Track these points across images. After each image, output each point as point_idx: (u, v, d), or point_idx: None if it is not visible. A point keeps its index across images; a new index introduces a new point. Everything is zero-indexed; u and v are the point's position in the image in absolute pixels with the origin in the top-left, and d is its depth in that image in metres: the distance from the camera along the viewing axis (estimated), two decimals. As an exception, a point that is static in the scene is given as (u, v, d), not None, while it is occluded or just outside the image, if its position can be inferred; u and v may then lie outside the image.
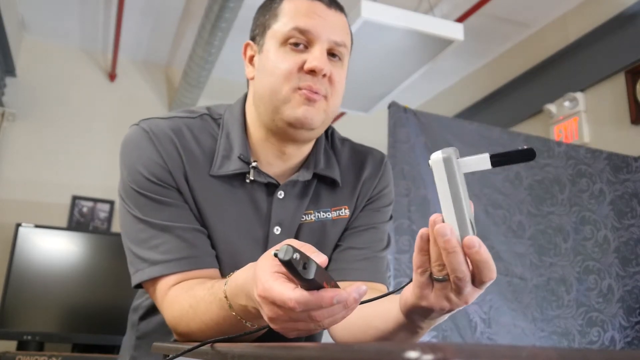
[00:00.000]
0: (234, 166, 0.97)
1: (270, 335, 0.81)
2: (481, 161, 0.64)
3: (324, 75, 0.93)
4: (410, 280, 0.71)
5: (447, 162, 0.63)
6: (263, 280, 0.64)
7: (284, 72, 0.93)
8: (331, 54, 0.96)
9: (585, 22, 3.13)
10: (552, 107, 3.18)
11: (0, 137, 3.43)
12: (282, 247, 0.58)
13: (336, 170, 1.05)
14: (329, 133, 1.12)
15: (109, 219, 3.61)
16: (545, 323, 2.18)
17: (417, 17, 2.39)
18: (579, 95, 3.06)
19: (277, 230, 1.00)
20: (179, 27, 3.56)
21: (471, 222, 0.65)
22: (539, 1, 3.24)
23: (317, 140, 1.06)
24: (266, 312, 0.65)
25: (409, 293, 0.72)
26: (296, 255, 0.58)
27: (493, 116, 3.63)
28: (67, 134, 3.67)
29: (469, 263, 0.65)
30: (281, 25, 0.96)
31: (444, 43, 2.47)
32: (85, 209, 3.58)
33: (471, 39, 3.22)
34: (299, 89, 0.93)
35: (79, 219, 3.55)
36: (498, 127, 2.51)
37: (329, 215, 1.04)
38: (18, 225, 3.05)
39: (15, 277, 2.95)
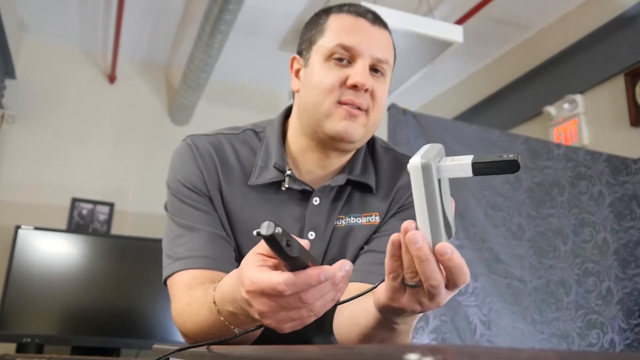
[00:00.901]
0: (270, 175, 1.02)
1: (266, 338, 0.82)
2: (463, 168, 0.63)
3: (366, 90, 0.96)
4: (383, 280, 0.71)
5: (425, 169, 0.62)
6: (249, 275, 0.65)
7: (327, 86, 0.97)
8: (373, 69, 1.00)
9: (584, 24, 3.14)
10: (551, 109, 3.19)
11: (0, 139, 3.43)
12: (263, 224, 0.57)
13: (372, 177, 1.07)
14: (370, 141, 1.14)
15: (109, 221, 3.60)
16: (545, 325, 2.18)
17: (416, 20, 2.40)
18: (578, 97, 3.06)
19: (311, 235, 1.03)
20: (179, 29, 3.57)
21: (449, 224, 0.64)
22: (538, 3, 3.24)
23: (358, 148, 1.08)
24: (256, 307, 0.65)
25: (381, 293, 0.72)
26: (278, 230, 0.57)
27: (492, 118, 3.64)
28: (66, 135, 3.67)
29: (442, 269, 0.65)
30: (326, 41, 1.00)
31: (443, 45, 2.48)
32: (84, 211, 3.58)
33: (471, 41, 3.22)
34: (341, 103, 0.96)
35: (79, 221, 3.55)
36: (498, 129, 2.51)
37: (359, 220, 1.06)
38: (18, 227, 3.04)
39: (14, 279, 2.94)
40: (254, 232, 0.59)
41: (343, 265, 0.65)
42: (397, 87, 2.90)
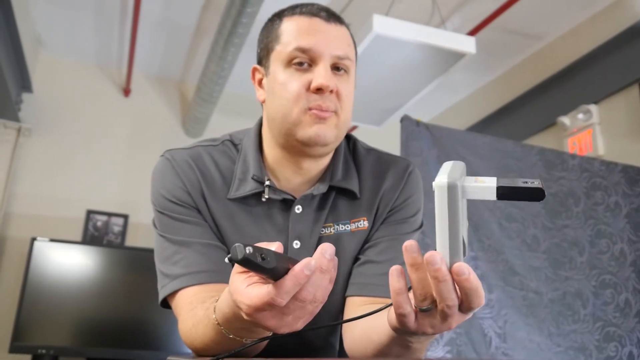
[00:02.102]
0: (249, 187, 1.00)
1: (277, 344, 0.82)
2: (487, 191, 0.62)
3: (331, 91, 0.95)
4: (391, 304, 0.70)
5: (451, 189, 0.61)
6: (242, 299, 0.64)
7: (292, 94, 0.95)
8: (336, 67, 0.97)
9: (598, 34, 3.12)
10: (565, 120, 3.17)
11: (16, 152, 3.47)
12: (232, 247, 0.57)
13: (354, 182, 1.05)
14: (351, 143, 1.12)
15: (123, 233, 3.63)
16: (562, 338, 2.15)
17: (429, 31, 2.40)
18: (592, 107, 3.04)
19: (296, 244, 1.00)
20: (193, 43, 3.60)
21: (464, 243, 0.64)
22: (551, 14, 3.23)
23: (337, 152, 1.06)
24: (264, 324, 0.65)
25: (392, 316, 0.71)
26: (249, 249, 0.57)
27: (506, 129, 3.62)
28: (82, 148, 3.71)
29: (458, 290, 0.64)
30: (283, 46, 0.97)
31: (456, 56, 2.48)
32: (99, 223, 3.60)
33: (483, 52, 3.22)
34: (309, 109, 0.94)
35: (93, 233, 3.58)
36: (511, 140, 2.49)
37: (347, 227, 1.04)
38: (33, 239, 3.07)
39: (30, 291, 2.97)
40: (226, 259, 0.58)
41: (324, 251, 0.64)
42: (409, 99, 2.89)
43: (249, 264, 0.58)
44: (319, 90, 0.94)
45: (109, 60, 3.85)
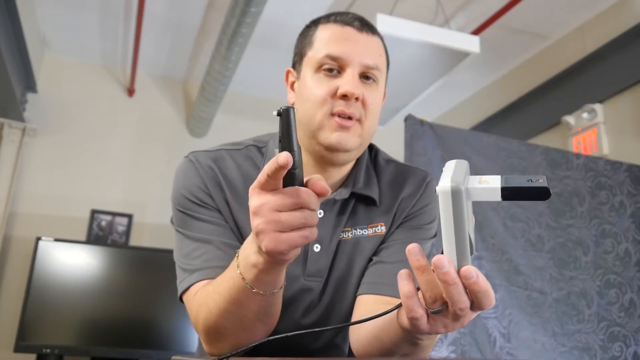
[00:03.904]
0: None
1: (283, 342, 0.82)
2: (491, 192, 0.62)
3: (357, 99, 0.96)
4: (401, 305, 0.71)
5: (455, 194, 0.61)
6: (253, 191, 0.74)
7: (318, 98, 0.97)
8: (365, 76, 0.99)
9: (603, 33, 3.11)
10: (570, 119, 3.16)
11: (21, 152, 3.49)
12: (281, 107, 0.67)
13: (375, 190, 1.07)
14: (373, 153, 1.14)
15: (127, 232, 3.63)
16: (566, 338, 2.14)
17: (433, 30, 2.40)
18: (597, 106, 3.03)
19: (316, 247, 1.02)
20: (197, 42, 3.60)
21: (471, 242, 0.63)
22: (556, 13, 3.22)
23: (359, 160, 1.08)
24: (252, 204, 0.74)
25: (403, 319, 0.72)
26: (293, 111, 0.70)
27: (510, 128, 3.61)
28: (86, 148, 3.72)
29: (468, 292, 0.65)
30: (315, 52, 1.00)
31: (460, 55, 2.47)
32: (103, 223, 3.61)
33: (487, 51, 3.22)
34: (333, 114, 0.96)
35: (98, 233, 3.59)
36: (516, 139, 2.49)
37: (365, 232, 1.06)
38: (38, 238, 3.08)
39: (35, 290, 2.98)
40: (274, 112, 0.70)
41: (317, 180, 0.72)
42: (414, 98, 2.89)
43: (287, 117, 0.70)
44: (344, 96, 0.96)
45: (114, 60, 3.86)
